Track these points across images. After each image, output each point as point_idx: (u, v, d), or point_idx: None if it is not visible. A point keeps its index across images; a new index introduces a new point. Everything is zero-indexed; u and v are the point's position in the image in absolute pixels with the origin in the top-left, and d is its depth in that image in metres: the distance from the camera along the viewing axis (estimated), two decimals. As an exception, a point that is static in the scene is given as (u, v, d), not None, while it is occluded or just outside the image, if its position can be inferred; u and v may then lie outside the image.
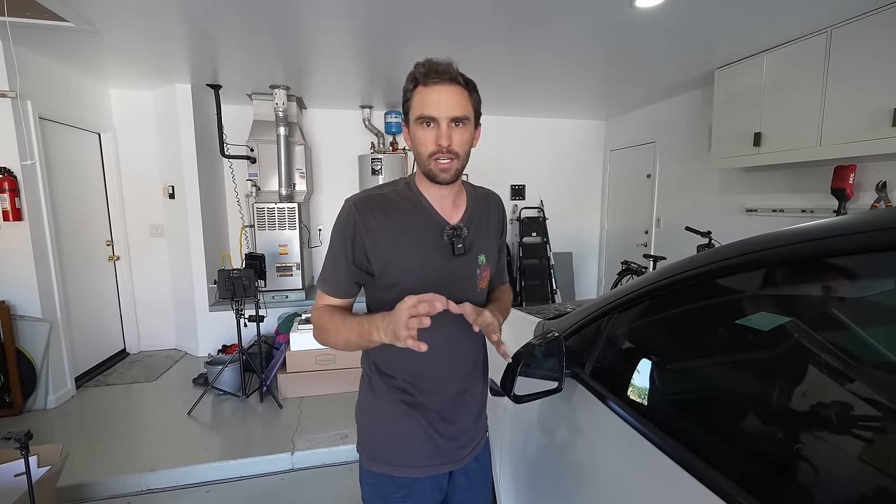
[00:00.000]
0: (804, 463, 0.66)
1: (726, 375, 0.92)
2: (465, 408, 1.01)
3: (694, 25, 2.45)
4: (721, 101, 3.16)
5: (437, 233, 0.91)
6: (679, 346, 1.03)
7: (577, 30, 2.51)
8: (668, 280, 0.90)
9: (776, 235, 0.75)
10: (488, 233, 1.01)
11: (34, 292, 2.81)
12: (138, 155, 3.81)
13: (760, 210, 3.19)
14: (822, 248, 0.65)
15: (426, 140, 0.84)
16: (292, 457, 2.36)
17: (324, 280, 0.94)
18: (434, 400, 0.97)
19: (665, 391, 1.01)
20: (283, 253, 3.87)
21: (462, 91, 0.85)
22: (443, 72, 0.82)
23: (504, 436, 1.38)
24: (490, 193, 1.08)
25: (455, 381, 0.99)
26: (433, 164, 0.86)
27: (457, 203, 0.96)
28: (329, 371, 3.06)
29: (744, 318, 0.89)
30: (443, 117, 0.82)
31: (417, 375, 0.96)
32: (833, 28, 2.39)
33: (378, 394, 0.98)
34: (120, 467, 2.24)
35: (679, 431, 0.83)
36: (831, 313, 0.75)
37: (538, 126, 4.94)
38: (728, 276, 0.83)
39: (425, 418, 0.96)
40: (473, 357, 1.03)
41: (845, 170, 2.53)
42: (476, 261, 0.96)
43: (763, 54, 2.80)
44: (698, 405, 0.92)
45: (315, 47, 2.81)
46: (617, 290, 1.08)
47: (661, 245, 4.27)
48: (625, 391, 1.03)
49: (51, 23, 2.28)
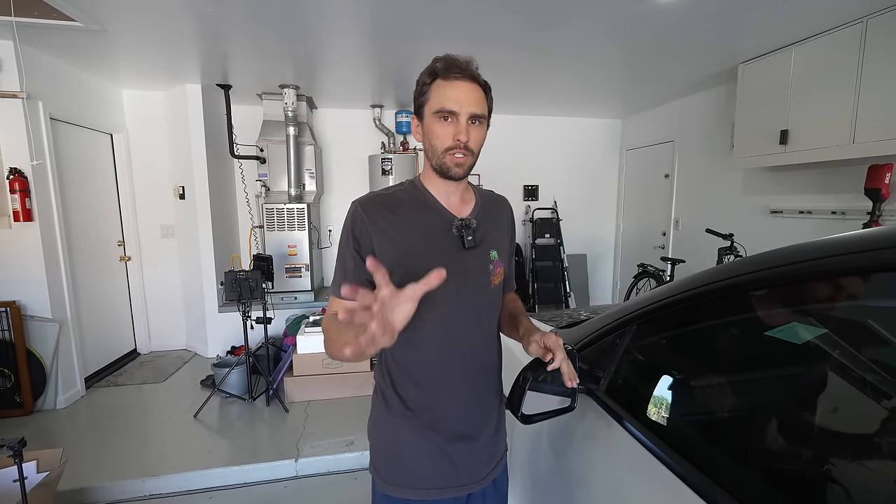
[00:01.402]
0: (842, 497, 0.57)
1: (758, 396, 0.83)
2: (483, 416, 0.95)
3: (718, 17, 2.33)
4: (745, 98, 3.01)
5: (447, 228, 0.89)
6: (706, 362, 0.93)
7: (594, 24, 2.41)
8: (698, 291, 0.80)
9: (822, 244, 0.65)
10: (499, 231, 0.98)
11: (44, 293, 2.82)
12: (150, 155, 3.82)
13: (787, 211, 3.03)
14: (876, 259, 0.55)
15: (444, 134, 0.84)
16: (297, 463, 2.31)
17: (335, 283, 0.92)
18: (450, 407, 0.91)
19: (688, 412, 0.91)
20: (292, 254, 3.84)
21: (480, 90, 0.85)
22: (464, 68, 0.82)
23: (513, 453, 1.30)
24: (499, 197, 1.06)
25: (469, 385, 0.93)
26: (448, 158, 0.85)
27: (465, 199, 0.95)
28: (336, 375, 3.01)
29: (774, 330, 0.80)
30: (463, 112, 0.82)
31: (432, 379, 0.90)
32: (869, 18, 2.24)
33: (392, 409, 0.92)
34: (124, 470, 2.21)
35: (702, 458, 0.74)
36: (874, 328, 0.66)
37: (552, 125, 4.83)
38: (765, 289, 0.73)
39: (442, 436, 0.90)
40: (488, 356, 0.97)
41: (881, 169, 2.37)
42: (488, 255, 0.93)
43: (791, 47, 2.65)
44: (725, 429, 0.82)
45: (325, 46, 2.76)
46: (637, 300, 0.99)
47: (679, 248, 4.12)
48: (643, 411, 0.94)
49: (58, 22, 2.27)
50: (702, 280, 0.80)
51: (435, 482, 0.91)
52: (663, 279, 3.78)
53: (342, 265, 0.90)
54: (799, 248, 0.65)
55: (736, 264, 0.73)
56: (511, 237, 1.04)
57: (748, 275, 0.70)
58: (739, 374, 0.86)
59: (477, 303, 0.91)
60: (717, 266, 0.79)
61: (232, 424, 2.72)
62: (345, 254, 0.89)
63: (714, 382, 0.91)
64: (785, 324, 0.75)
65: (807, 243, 0.66)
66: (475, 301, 0.90)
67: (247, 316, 2.88)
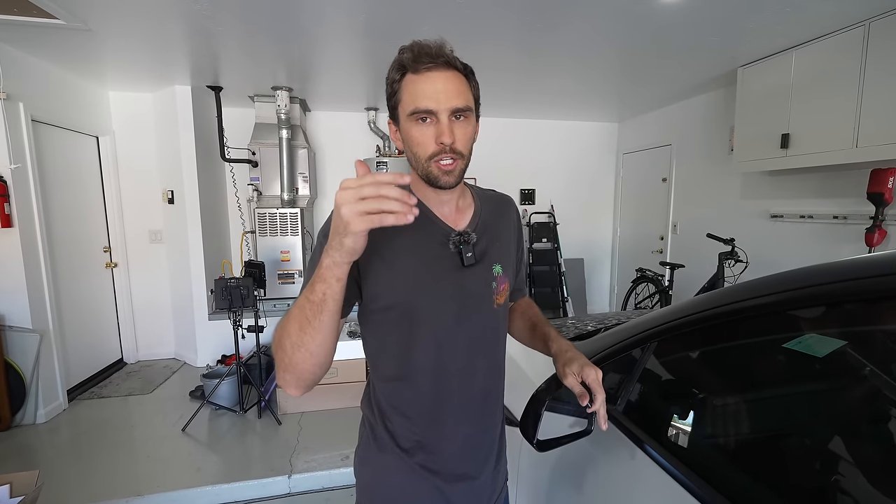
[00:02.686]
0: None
1: (790, 418, 0.77)
2: (484, 452, 0.85)
3: (718, 18, 2.29)
4: (745, 102, 2.99)
5: (442, 242, 0.77)
6: (738, 382, 0.87)
7: (592, 25, 2.36)
8: (730, 308, 0.74)
9: (876, 260, 0.59)
10: (504, 240, 0.86)
11: (24, 302, 2.70)
12: (137, 159, 3.71)
13: (787, 216, 3.00)
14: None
15: (424, 139, 0.70)
16: (290, 480, 2.21)
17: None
18: (448, 445, 0.80)
19: (715, 434, 0.85)
20: (284, 260, 3.75)
21: (460, 77, 0.71)
22: (436, 55, 0.68)
23: (522, 475, 1.22)
24: (502, 196, 0.94)
25: (470, 420, 0.82)
26: (433, 167, 0.71)
27: (461, 207, 0.82)
28: (331, 385, 2.92)
29: (792, 342, 0.74)
30: (442, 109, 0.68)
31: (428, 415, 0.79)
32: (871, 21, 2.22)
33: (383, 447, 0.81)
34: (106, 490, 2.10)
35: (729, 484, 0.68)
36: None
37: (548, 129, 4.79)
38: (805, 308, 0.67)
39: (440, 477, 0.80)
40: (490, 386, 0.86)
41: (884, 173, 2.35)
42: (491, 272, 0.80)
43: (791, 51, 2.63)
44: (757, 454, 0.76)
45: (319, 47, 2.69)
46: (659, 314, 0.92)
47: (677, 252, 4.08)
48: (665, 433, 0.87)
49: (39, 20, 2.18)
50: (734, 296, 0.74)
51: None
52: (662, 284, 3.74)
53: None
54: (855, 262, 0.59)
55: (778, 279, 0.67)
56: (518, 241, 0.93)
57: (793, 291, 0.64)
58: (773, 394, 0.80)
59: (478, 327, 0.79)
60: (755, 280, 0.72)
61: (222, 438, 2.61)
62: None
63: (745, 403, 0.85)
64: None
65: (866, 256, 0.60)
66: (476, 325, 0.79)
67: (238, 324, 2.78)
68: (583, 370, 0.75)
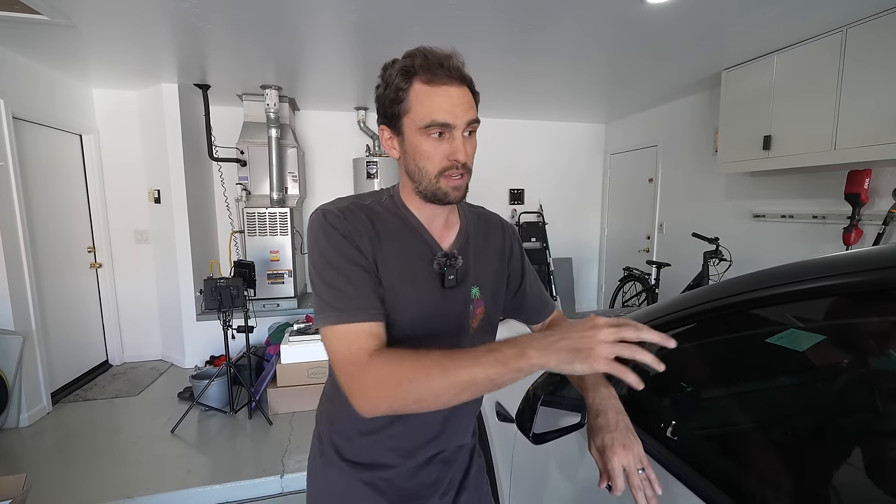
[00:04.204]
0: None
1: (775, 408, 0.80)
2: (441, 476, 0.82)
3: (705, 23, 2.35)
4: (728, 104, 3.06)
5: (429, 259, 0.74)
6: (719, 376, 0.90)
7: (582, 26, 2.40)
8: (720, 303, 0.77)
9: (855, 257, 0.63)
10: (486, 260, 0.83)
11: (6, 303, 2.64)
12: (122, 157, 3.65)
13: (769, 216, 3.09)
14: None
15: (437, 154, 0.67)
16: (282, 479, 2.21)
17: (348, 306, 0.65)
18: (401, 468, 0.78)
19: (702, 425, 0.89)
20: (274, 260, 3.72)
21: (468, 90, 0.69)
22: (452, 67, 0.66)
23: (514, 471, 1.25)
24: (492, 216, 0.90)
25: (433, 442, 0.80)
26: (443, 182, 0.69)
27: (449, 222, 0.79)
28: (322, 385, 2.91)
29: (774, 337, 0.78)
30: (460, 125, 0.66)
31: (383, 435, 0.77)
32: (848, 28, 2.30)
33: (329, 460, 0.80)
34: (95, 494, 2.07)
35: (717, 472, 0.71)
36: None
37: (537, 129, 4.84)
38: (791, 303, 0.70)
39: (385, 497, 0.78)
40: (453, 414, 0.80)
41: (860, 174, 2.44)
42: (468, 294, 0.78)
43: (773, 55, 2.70)
44: (740, 443, 0.79)
45: (309, 46, 2.68)
46: (649, 310, 0.96)
47: (664, 251, 4.16)
48: (655, 425, 0.90)
49: (21, 15, 2.13)
50: (724, 292, 0.77)
51: None
52: (648, 282, 3.81)
53: (347, 281, 0.66)
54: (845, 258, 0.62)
55: (770, 274, 0.70)
56: (511, 263, 0.88)
57: (776, 287, 0.67)
58: (756, 387, 0.83)
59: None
60: (737, 278, 0.76)
61: (212, 439, 2.59)
62: (344, 267, 0.67)
63: (729, 396, 0.88)
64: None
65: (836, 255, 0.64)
66: (452, 347, 0.73)
67: (228, 325, 2.76)
68: (605, 453, 0.67)
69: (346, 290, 0.66)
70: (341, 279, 0.66)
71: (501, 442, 1.34)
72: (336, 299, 0.65)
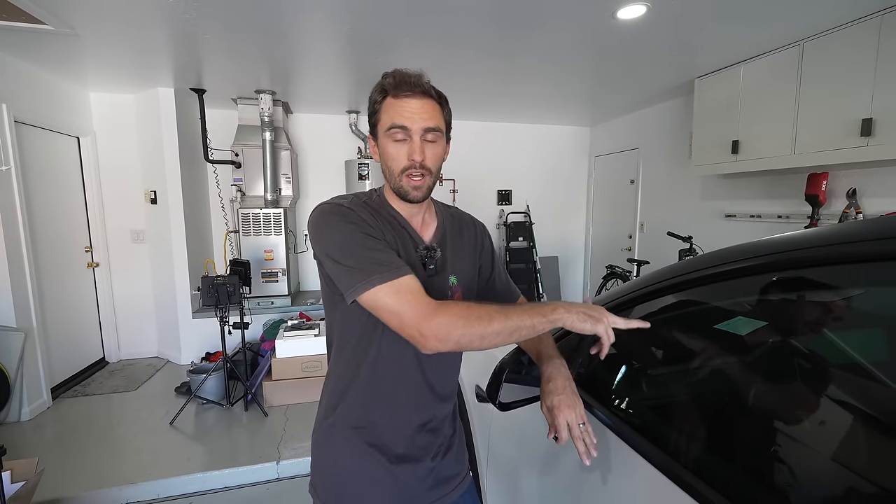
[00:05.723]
0: (780, 465, 0.68)
1: (705, 380, 0.95)
2: (430, 442, 0.93)
3: (674, 36, 2.52)
4: (701, 110, 3.24)
5: (413, 250, 0.87)
6: (663, 351, 1.05)
7: (562, 37, 2.55)
8: (651, 287, 0.92)
9: (750, 246, 0.78)
10: (462, 254, 0.95)
11: (9, 301, 2.73)
12: (118, 159, 3.74)
13: (739, 216, 3.27)
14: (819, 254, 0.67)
15: (397, 154, 0.80)
16: (278, 466, 2.33)
17: (387, 267, 0.74)
18: (395, 434, 0.89)
19: (646, 397, 1.03)
20: (268, 259, 3.83)
21: (434, 104, 0.81)
22: (415, 84, 0.78)
23: (491, 445, 1.39)
24: (466, 216, 1.02)
25: (422, 410, 0.91)
26: (405, 181, 0.81)
27: (426, 220, 0.92)
28: (315, 378, 3.04)
29: (722, 323, 0.92)
30: (416, 129, 0.78)
31: (379, 404, 0.88)
32: (805, 41, 2.47)
33: (335, 427, 0.89)
34: (99, 480, 2.18)
35: (658, 435, 0.84)
36: (814, 319, 0.78)
37: (524, 132, 5.00)
38: (709, 284, 0.85)
39: (386, 457, 0.87)
40: (441, 381, 0.93)
41: (818, 177, 2.62)
42: (447, 281, 0.90)
43: (740, 65, 2.88)
44: (679, 411, 0.93)
45: (303, 55, 2.80)
46: (602, 296, 1.10)
47: (644, 250, 4.34)
48: (609, 398, 1.04)
49: (28, 25, 2.23)
50: (655, 278, 0.92)
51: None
52: (629, 279, 3.98)
53: (379, 250, 0.77)
54: (730, 249, 0.77)
55: (682, 264, 0.85)
56: (481, 255, 1.01)
57: (693, 272, 0.82)
58: (692, 362, 0.98)
59: None
60: (669, 265, 0.91)
61: (210, 430, 2.71)
62: (370, 241, 0.77)
63: (671, 370, 1.03)
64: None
65: (738, 245, 0.79)
66: None
67: (225, 321, 2.87)
68: (553, 411, 0.82)
69: (380, 256, 0.76)
70: (374, 248, 0.77)
71: (480, 419, 1.48)
72: (377, 264, 0.75)
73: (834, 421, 0.65)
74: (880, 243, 0.58)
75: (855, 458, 0.59)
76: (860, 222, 0.69)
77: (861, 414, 0.62)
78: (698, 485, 0.68)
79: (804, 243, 0.71)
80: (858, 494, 0.57)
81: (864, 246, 0.59)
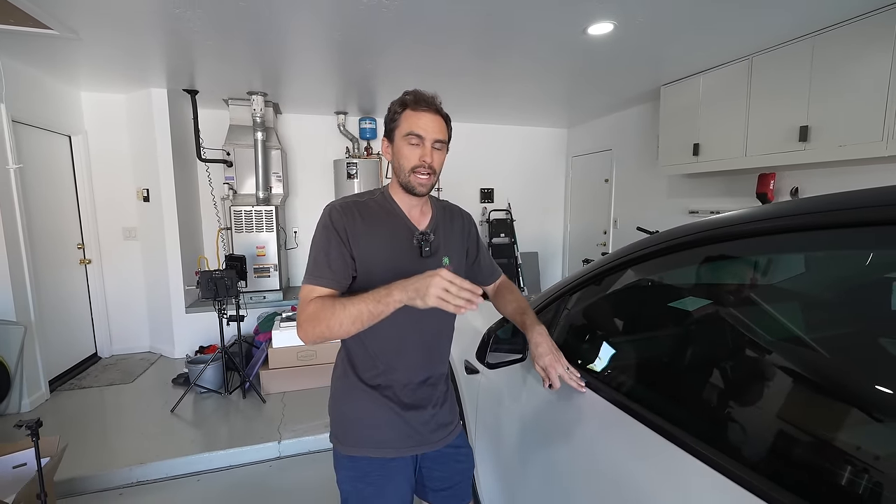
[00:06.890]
0: (733, 424, 0.82)
1: (657, 345, 1.17)
2: (431, 395, 1.13)
3: (640, 49, 2.78)
4: (666, 115, 3.53)
5: (408, 237, 1.05)
6: (617, 321, 1.28)
7: (538, 48, 2.78)
8: (598, 271, 1.15)
9: (678, 229, 1.01)
10: (452, 239, 1.15)
11: (8, 295, 2.81)
12: (110, 158, 3.81)
13: (701, 212, 3.58)
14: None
15: (411, 155, 0.99)
16: (279, 445, 2.49)
17: (314, 273, 0.97)
18: (403, 388, 1.07)
19: (607, 359, 1.25)
20: (260, 255, 3.96)
21: (442, 121, 1.02)
22: (430, 102, 1.00)
23: (479, 409, 1.60)
24: (455, 208, 1.22)
25: (423, 369, 1.11)
26: (412, 177, 1.00)
27: (423, 212, 1.10)
28: (310, 366, 3.20)
29: (675, 302, 1.15)
30: (429, 138, 0.99)
31: (389, 365, 1.06)
32: (753, 56, 2.77)
33: (350, 383, 1.08)
34: (107, 463, 2.30)
35: (619, 388, 1.05)
36: (748, 295, 0.98)
37: (506, 133, 5.24)
38: (644, 262, 1.08)
39: (397, 405, 1.07)
40: (437, 345, 1.14)
41: (767, 177, 2.93)
42: (441, 262, 1.09)
43: (700, 75, 3.18)
44: (643, 370, 1.12)
45: (295, 59, 2.95)
46: (566, 278, 1.33)
47: (617, 244, 4.64)
48: (577, 360, 1.26)
49: (34, 30, 2.33)
50: (601, 263, 1.15)
51: (393, 443, 1.07)
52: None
53: (325, 254, 0.97)
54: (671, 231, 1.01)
55: (623, 248, 1.08)
56: (469, 241, 1.21)
57: (633, 253, 1.05)
58: (646, 331, 1.20)
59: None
60: (611, 252, 1.13)
61: (210, 416, 2.84)
62: (326, 246, 0.98)
63: (628, 337, 1.25)
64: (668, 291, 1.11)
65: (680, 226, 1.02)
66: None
67: (223, 313, 3.01)
68: (546, 369, 1.05)
69: (320, 260, 0.98)
70: (324, 253, 0.99)
71: (468, 389, 1.69)
72: (314, 265, 0.98)
73: (777, 384, 0.80)
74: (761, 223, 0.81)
75: (794, 413, 0.72)
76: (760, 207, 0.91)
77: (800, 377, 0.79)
78: (633, 405, 0.91)
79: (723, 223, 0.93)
80: (796, 442, 0.70)
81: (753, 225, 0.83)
